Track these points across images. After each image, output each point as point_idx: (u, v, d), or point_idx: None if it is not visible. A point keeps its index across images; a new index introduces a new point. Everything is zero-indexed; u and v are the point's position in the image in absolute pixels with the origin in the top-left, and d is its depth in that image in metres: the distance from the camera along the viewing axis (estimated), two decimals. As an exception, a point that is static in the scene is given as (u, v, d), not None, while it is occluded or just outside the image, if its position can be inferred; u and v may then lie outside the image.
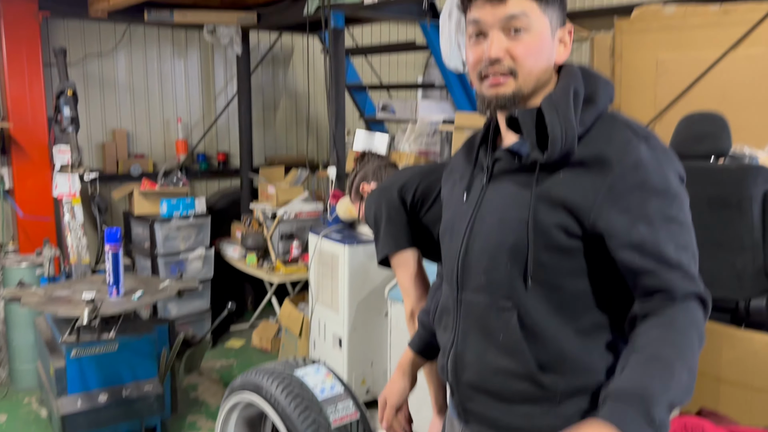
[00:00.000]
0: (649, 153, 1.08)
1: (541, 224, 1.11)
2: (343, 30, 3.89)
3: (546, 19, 1.14)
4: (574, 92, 1.12)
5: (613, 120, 1.14)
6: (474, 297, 1.22)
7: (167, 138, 5.01)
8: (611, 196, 1.07)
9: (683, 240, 1.08)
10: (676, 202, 1.08)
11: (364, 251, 3.42)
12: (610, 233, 1.08)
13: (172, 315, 4.33)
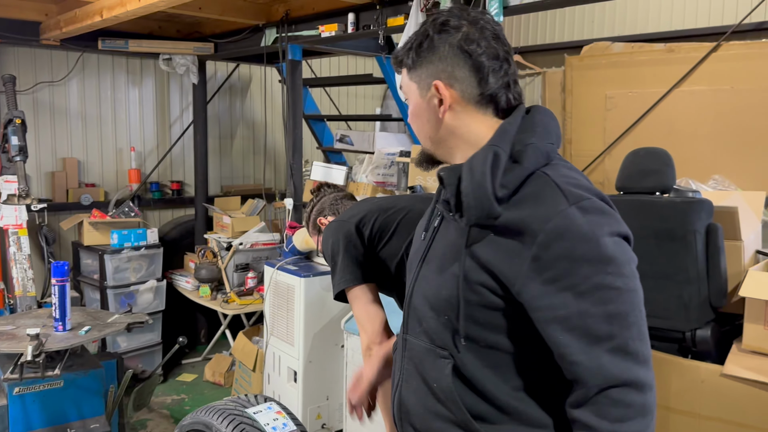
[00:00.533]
0: (579, 218, 1.00)
1: (471, 284, 1.08)
2: (301, 62, 3.91)
3: (414, 85, 1.17)
4: (494, 155, 1.05)
5: (545, 181, 1.05)
6: (415, 340, 1.22)
7: (120, 167, 4.92)
8: (536, 267, 1.01)
9: (618, 309, 0.99)
10: (611, 267, 0.99)
11: (321, 283, 3.40)
12: (534, 306, 1.02)
13: (122, 349, 4.21)
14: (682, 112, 4.89)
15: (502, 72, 1.12)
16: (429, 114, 1.16)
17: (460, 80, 1.12)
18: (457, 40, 1.11)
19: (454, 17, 1.13)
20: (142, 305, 4.23)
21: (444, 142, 1.17)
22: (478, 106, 1.13)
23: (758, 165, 4.60)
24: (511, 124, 1.10)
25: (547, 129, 1.11)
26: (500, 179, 1.04)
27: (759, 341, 2.71)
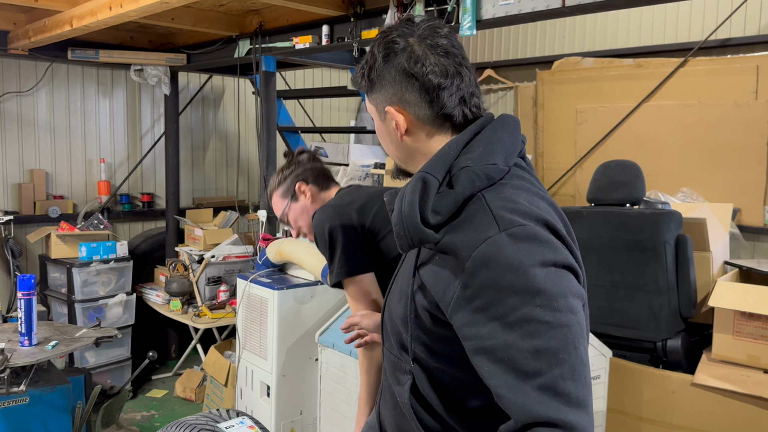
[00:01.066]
0: (507, 246, 0.94)
1: (417, 306, 1.08)
2: (275, 74, 3.90)
3: (373, 108, 1.18)
4: (423, 182, 1.01)
5: (479, 205, 1.01)
6: (387, 355, 1.25)
7: (89, 179, 4.83)
8: (465, 294, 0.97)
9: (548, 344, 0.91)
10: (539, 299, 0.92)
11: (294, 295, 3.37)
12: (462, 334, 0.98)
13: (90, 364, 4.12)
14: (651, 126, 4.99)
15: (453, 88, 1.08)
16: (390, 136, 1.16)
17: (411, 104, 1.10)
18: (402, 63, 1.08)
19: (400, 37, 1.09)
20: (111, 319, 4.15)
21: (410, 161, 1.17)
22: (435, 126, 1.11)
23: (724, 178, 4.70)
24: (451, 146, 1.06)
25: (490, 148, 1.05)
26: (432, 205, 1.01)
27: (728, 351, 2.75)
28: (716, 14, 4.76)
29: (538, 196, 1.06)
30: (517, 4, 2.47)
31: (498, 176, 1.04)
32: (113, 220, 4.87)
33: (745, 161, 4.58)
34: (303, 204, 1.98)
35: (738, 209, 4.68)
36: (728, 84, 4.65)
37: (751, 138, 4.54)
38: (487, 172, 1.03)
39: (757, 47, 4.59)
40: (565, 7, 2.32)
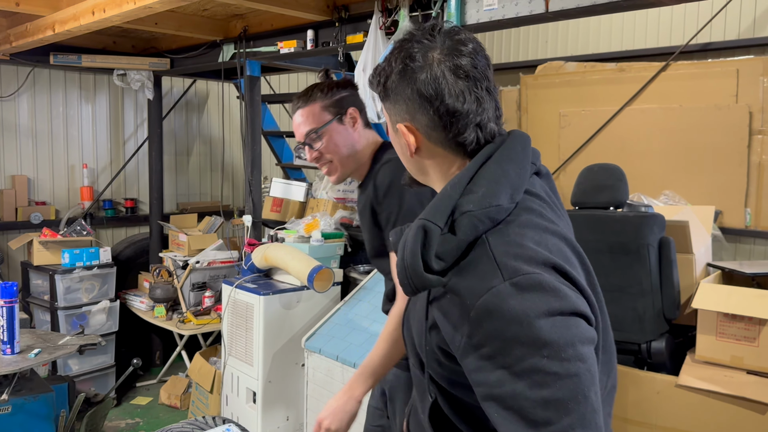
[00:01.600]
0: (511, 298, 0.92)
1: (430, 341, 1.06)
2: (259, 78, 3.89)
3: (387, 116, 1.12)
4: (424, 231, 0.98)
5: (483, 251, 0.98)
6: (412, 368, 1.23)
7: (72, 184, 4.79)
8: (471, 342, 0.95)
9: (556, 395, 0.90)
10: (546, 350, 0.90)
11: (280, 300, 3.36)
12: (472, 379, 0.97)
13: (74, 372, 4.07)
14: (633, 129, 5.03)
15: (469, 116, 1.03)
16: (401, 149, 1.12)
17: (424, 126, 1.05)
18: (419, 84, 1.02)
19: (420, 51, 1.02)
20: (95, 326, 4.11)
21: (420, 174, 1.15)
22: (446, 149, 1.07)
23: (706, 180, 4.75)
24: (453, 187, 1.01)
25: (494, 188, 1.00)
26: (436, 252, 0.97)
27: (711, 352, 2.78)
28: (697, 19, 4.82)
29: (548, 231, 1.02)
30: (501, 9, 2.49)
31: (503, 216, 1.00)
32: (96, 226, 4.82)
33: (726, 164, 4.64)
34: (347, 132, 1.77)
35: (720, 211, 4.74)
36: (709, 88, 4.71)
37: (732, 141, 4.60)
38: (489, 215, 0.99)
39: (737, 51, 4.66)
40: (549, 13, 2.34)
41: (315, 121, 1.75)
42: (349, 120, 1.77)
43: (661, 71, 4.94)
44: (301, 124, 1.77)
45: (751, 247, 4.65)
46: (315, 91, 1.78)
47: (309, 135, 1.75)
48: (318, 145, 1.75)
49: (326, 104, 1.76)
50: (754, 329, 2.78)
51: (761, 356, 2.77)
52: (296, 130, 1.79)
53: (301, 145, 1.79)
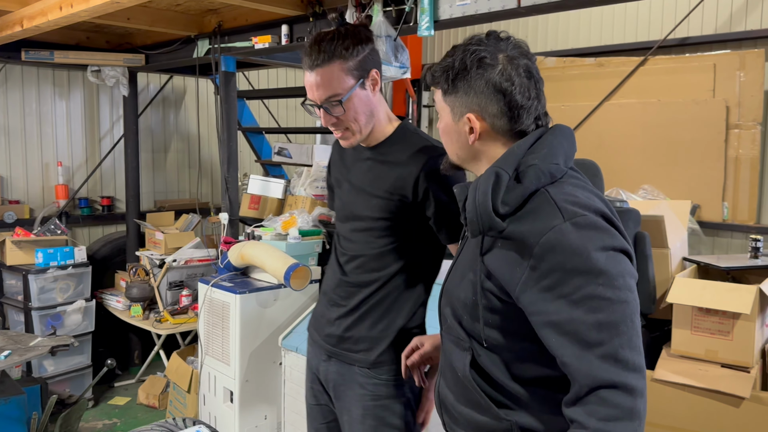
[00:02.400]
0: (572, 233, 1.08)
1: (483, 289, 1.21)
2: (235, 74, 3.84)
3: (447, 108, 1.27)
4: (495, 175, 1.15)
5: (544, 198, 1.15)
6: (446, 336, 1.37)
7: (46, 183, 4.71)
8: (533, 276, 1.10)
9: (609, 318, 1.06)
10: (601, 278, 1.06)
11: (257, 299, 3.32)
12: (531, 310, 1.11)
13: (49, 373, 4.01)
14: (612, 124, 5.04)
15: (532, 109, 1.22)
16: (458, 137, 1.27)
17: (492, 115, 1.22)
18: (494, 78, 1.19)
19: (489, 53, 1.20)
20: (70, 327, 4.05)
21: (470, 161, 1.30)
22: (506, 137, 1.24)
23: (684, 175, 4.78)
24: (519, 146, 1.19)
25: (553, 150, 1.18)
26: (502, 197, 1.14)
27: (686, 346, 2.79)
28: (675, 13, 4.83)
29: (593, 193, 1.20)
30: (474, 4, 2.47)
31: (559, 175, 1.18)
32: (72, 225, 4.75)
33: (704, 158, 4.66)
34: (368, 97, 1.64)
35: (698, 205, 4.76)
36: (687, 82, 4.73)
37: (710, 135, 4.62)
38: (550, 170, 1.17)
39: (714, 46, 4.67)
40: (521, 8, 2.32)
41: (337, 86, 1.58)
42: (370, 83, 1.64)
43: (640, 66, 4.95)
44: (320, 86, 1.58)
45: (728, 240, 4.68)
46: (337, 46, 1.57)
47: (329, 100, 1.59)
48: (338, 112, 1.61)
49: (350, 66, 1.59)
50: (728, 323, 2.79)
51: (735, 350, 2.79)
52: (311, 89, 1.61)
53: (316, 106, 1.63)
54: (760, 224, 4.55)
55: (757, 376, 2.81)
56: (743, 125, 4.53)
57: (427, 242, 1.73)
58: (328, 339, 1.83)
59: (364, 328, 1.75)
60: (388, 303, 1.75)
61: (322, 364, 1.85)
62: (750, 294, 2.71)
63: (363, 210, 1.75)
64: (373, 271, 1.74)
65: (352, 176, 1.79)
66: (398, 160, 1.68)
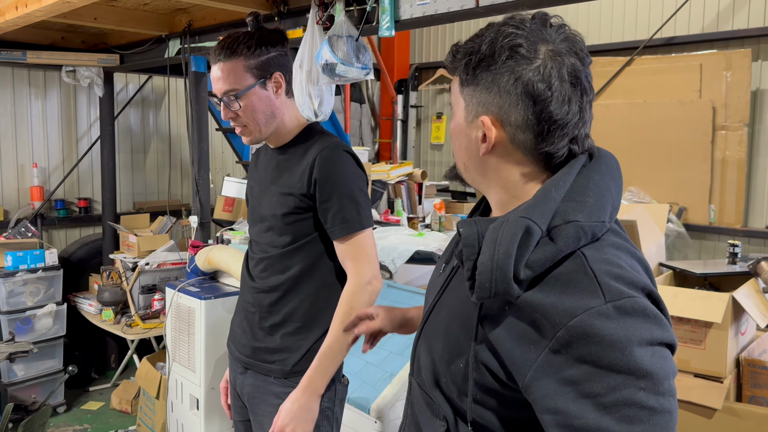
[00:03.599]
0: (612, 321, 0.82)
1: (478, 362, 0.93)
2: (205, 74, 3.77)
3: (462, 102, 0.97)
4: (525, 231, 0.86)
5: (580, 265, 0.86)
6: (418, 388, 1.09)
7: (21, 184, 4.65)
8: (554, 362, 0.84)
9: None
10: (644, 382, 0.81)
11: (223, 305, 3.25)
12: (544, 406, 0.85)
13: (19, 378, 3.94)
14: (598, 125, 4.93)
15: (569, 128, 0.91)
16: (468, 142, 0.97)
17: (514, 125, 0.91)
18: (526, 76, 0.89)
19: (528, 41, 0.90)
20: (41, 331, 3.99)
21: (477, 175, 1.00)
22: (527, 155, 0.93)
23: (671, 176, 4.70)
24: (557, 187, 0.89)
25: (601, 200, 0.90)
26: (527, 258, 0.86)
27: (657, 355, 2.71)
28: (661, 13, 4.75)
29: (635, 257, 0.92)
30: (433, 4, 2.39)
31: (600, 234, 0.89)
32: (48, 227, 4.69)
33: (691, 160, 4.58)
34: (269, 98, 1.67)
35: (684, 208, 4.68)
36: (673, 82, 4.65)
37: (696, 136, 4.54)
38: (594, 230, 0.88)
39: (700, 46, 4.59)
40: (479, 8, 2.25)
41: (235, 82, 1.63)
42: (272, 85, 1.67)
43: (626, 66, 4.87)
44: (220, 79, 1.64)
45: (715, 243, 4.60)
46: (240, 45, 1.63)
47: (227, 94, 1.64)
48: (235, 107, 1.65)
49: (250, 64, 1.64)
50: (700, 332, 2.71)
51: (708, 359, 2.71)
52: (214, 83, 1.67)
53: (217, 100, 1.69)
54: (747, 227, 4.47)
55: (730, 386, 2.73)
56: (730, 126, 4.45)
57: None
58: (242, 350, 1.78)
59: (277, 337, 1.70)
60: (302, 310, 1.70)
61: (239, 377, 1.80)
62: (722, 302, 2.63)
63: (267, 209, 1.73)
64: (278, 273, 1.70)
65: (261, 178, 1.81)
66: (298, 156, 1.71)
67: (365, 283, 1.62)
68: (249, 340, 1.76)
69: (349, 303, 1.61)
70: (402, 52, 6.43)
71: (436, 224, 4.47)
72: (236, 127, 1.70)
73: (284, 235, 1.69)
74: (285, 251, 1.69)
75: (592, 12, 5.08)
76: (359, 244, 1.63)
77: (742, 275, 3.05)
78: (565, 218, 0.87)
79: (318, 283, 1.70)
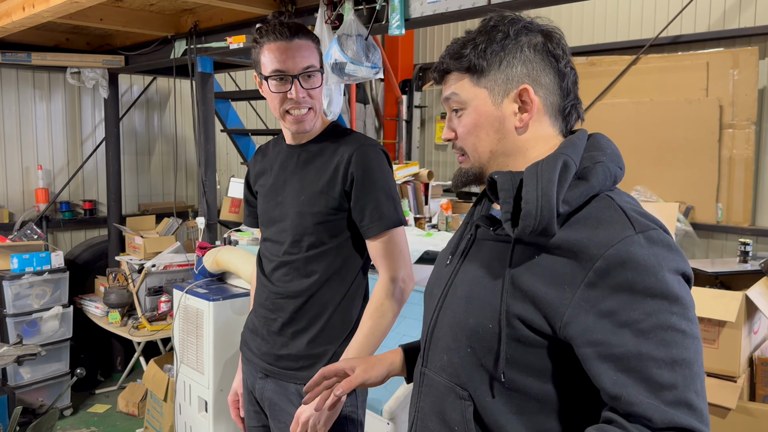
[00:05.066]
0: (645, 249, 0.88)
1: (510, 315, 0.95)
2: (212, 75, 3.75)
3: (483, 91, 1.03)
4: (564, 164, 0.93)
5: (608, 203, 0.94)
6: (435, 376, 1.08)
7: (26, 186, 4.64)
8: (590, 296, 0.88)
9: (683, 354, 0.85)
10: (676, 306, 0.86)
11: (232, 306, 3.24)
12: (584, 340, 0.88)
13: (25, 381, 3.93)
14: (605, 124, 4.94)
15: (575, 86, 1.04)
16: (500, 125, 1.02)
17: (544, 87, 1.01)
18: (541, 42, 1.00)
19: (526, 23, 1.02)
20: (47, 333, 3.98)
21: (503, 157, 1.04)
22: (552, 120, 1.03)
23: (678, 175, 4.67)
24: (579, 138, 1.00)
25: (615, 152, 1.00)
26: (564, 194, 0.92)
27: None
28: (667, 11, 4.73)
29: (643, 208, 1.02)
30: (444, 2, 2.38)
31: (618, 182, 0.99)
32: (53, 229, 4.68)
33: (698, 158, 4.56)
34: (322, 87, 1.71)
35: (691, 207, 4.66)
36: (679, 81, 4.63)
37: (703, 135, 4.52)
38: (616, 173, 0.98)
39: (707, 44, 4.57)
40: (491, 5, 2.23)
41: (313, 59, 1.62)
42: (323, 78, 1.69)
43: (632, 65, 4.85)
44: (298, 56, 1.58)
45: (723, 242, 4.57)
46: (308, 31, 1.64)
47: (307, 70, 1.60)
48: (315, 82, 1.62)
49: (319, 50, 1.68)
50: (713, 331, 2.69)
51: (721, 358, 2.69)
52: (285, 59, 1.58)
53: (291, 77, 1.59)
54: (755, 226, 4.44)
55: (744, 385, 2.71)
56: (737, 125, 4.43)
57: (364, 246, 1.67)
58: (264, 357, 1.73)
59: (302, 344, 1.66)
60: (327, 315, 1.65)
61: (258, 382, 1.76)
62: (736, 301, 2.61)
63: (290, 207, 1.67)
64: (302, 277, 1.65)
65: (278, 175, 1.74)
66: (328, 153, 1.66)
67: (398, 280, 1.60)
68: (270, 347, 1.71)
69: (380, 300, 1.59)
70: (406, 52, 6.42)
71: (443, 224, 4.46)
72: (300, 110, 1.62)
73: (310, 236, 1.63)
74: (311, 254, 1.64)
75: (598, 11, 5.06)
76: (394, 241, 1.61)
77: (753, 274, 3.03)
78: (593, 160, 0.97)
79: (343, 288, 1.65)
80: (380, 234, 1.60)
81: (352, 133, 1.70)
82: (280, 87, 1.61)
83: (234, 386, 1.91)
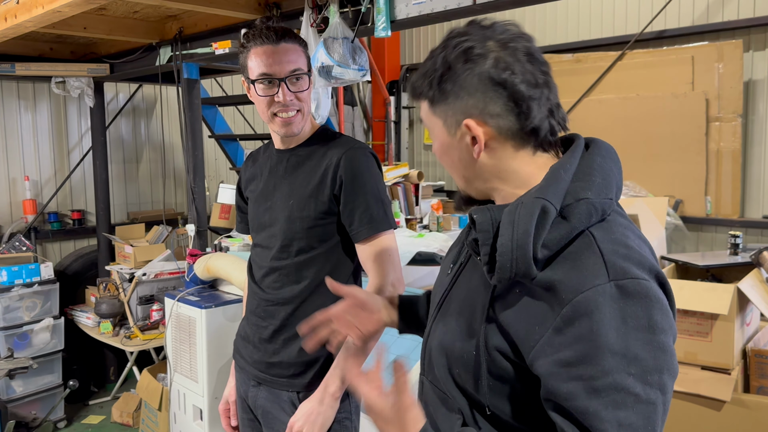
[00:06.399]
0: (613, 302, 0.84)
1: (489, 347, 0.95)
2: (198, 81, 3.74)
3: (438, 121, 1.01)
4: (542, 210, 0.89)
5: (588, 243, 0.90)
6: (430, 386, 1.10)
7: (13, 198, 4.60)
8: (554, 342, 0.86)
9: (630, 419, 0.83)
10: (634, 367, 0.83)
11: (224, 313, 3.22)
12: (543, 383, 0.89)
13: (17, 394, 3.89)
14: (592, 120, 4.96)
15: (543, 99, 0.96)
16: (460, 154, 1.01)
17: (495, 116, 0.96)
18: (487, 70, 0.94)
19: (477, 42, 0.96)
20: (38, 345, 3.94)
21: (480, 182, 1.03)
22: (517, 141, 0.98)
23: (666, 170, 4.70)
24: (566, 169, 0.94)
25: (607, 178, 0.95)
26: (545, 238, 0.89)
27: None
28: (651, 6, 4.75)
29: (641, 238, 0.95)
30: (430, 3, 2.38)
31: (608, 213, 0.93)
32: (42, 240, 4.64)
33: (685, 152, 4.59)
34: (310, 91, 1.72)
35: (680, 200, 4.68)
36: (665, 76, 4.65)
37: (690, 129, 4.54)
38: (604, 207, 0.92)
39: (691, 38, 4.59)
40: (476, 5, 2.23)
41: (302, 63, 1.64)
42: (311, 81, 1.70)
43: (618, 60, 4.87)
44: (285, 60, 1.59)
45: (712, 235, 4.60)
46: (291, 34, 1.64)
47: (295, 73, 1.60)
48: (302, 85, 1.63)
49: (306, 54, 1.69)
50: (706, 324, 2.70)
51: (715, 351, 2.70)
52: (271, 63, 1.59)
53: (278, 80, 1.59)
54: (744, 218, 4.47)
55: (738, 378, 2.72)
56: (723, 118, 4.45)
57: (355, 250, 1.66)
58: (256, 365, 1.72)
59: (293, 351, 1.65)
60: None
61: (251, 390, 1.75)
62: (727, 293, 2.62)
63: (280, 212, 1.67)
64: (292, 283, 1.64)
65: (267, 181, 1.74)
66: (317, 157, 1.66)
67: (388, 284, 1.59)
68: (262, 355, 1.70)
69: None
70: (393, 54, 6.42)
71: (435, 225, 4.46)
72: (288, 113, 1.62)
73: (300, 241, 1.63)
74: (300, 260, 1.63)
75: (583, 7, 5.08)
76: (383, 245, 1.60)
77: (744, 266, 3.04)
78: (576, 196, 0.91)
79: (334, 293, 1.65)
80: (370, 238, 1.59)
81: (341, 137, 1.70)
82: (267, 90, 1.61)
83: (225, 395, 1.89)
